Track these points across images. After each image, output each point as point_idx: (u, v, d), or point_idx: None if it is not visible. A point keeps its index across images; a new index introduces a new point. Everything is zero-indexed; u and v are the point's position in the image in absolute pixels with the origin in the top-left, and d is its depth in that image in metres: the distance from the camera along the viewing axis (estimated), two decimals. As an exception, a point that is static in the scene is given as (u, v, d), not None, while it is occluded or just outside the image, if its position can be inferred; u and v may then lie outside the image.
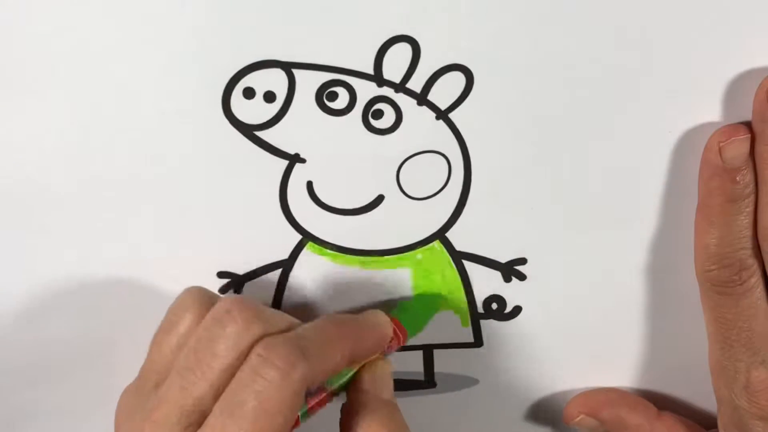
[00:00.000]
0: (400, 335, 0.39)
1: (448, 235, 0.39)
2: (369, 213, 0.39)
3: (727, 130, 0.36)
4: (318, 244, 0.39)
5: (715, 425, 0.41)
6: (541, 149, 0.37)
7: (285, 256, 0.39)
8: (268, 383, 0.32)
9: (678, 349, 0.42)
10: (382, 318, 0.38)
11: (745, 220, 0.36)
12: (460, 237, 0.39)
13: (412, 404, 0.44)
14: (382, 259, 0.40)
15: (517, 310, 0.41)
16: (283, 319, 0.36)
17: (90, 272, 0.39)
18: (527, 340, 0.42)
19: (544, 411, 0.44)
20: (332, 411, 0.37)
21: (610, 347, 0.42)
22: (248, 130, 0.36)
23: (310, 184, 0.38)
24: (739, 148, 0.36)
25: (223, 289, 0.40)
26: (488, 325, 0.42)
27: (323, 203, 0.38)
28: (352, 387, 0.37)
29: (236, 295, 0.37)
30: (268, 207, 0.38)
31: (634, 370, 0.43)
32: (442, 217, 0.39)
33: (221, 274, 0.40)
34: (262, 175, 0.37)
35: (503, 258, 0.40)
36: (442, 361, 0.43)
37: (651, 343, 0.42)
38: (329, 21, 0.34)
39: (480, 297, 0.41)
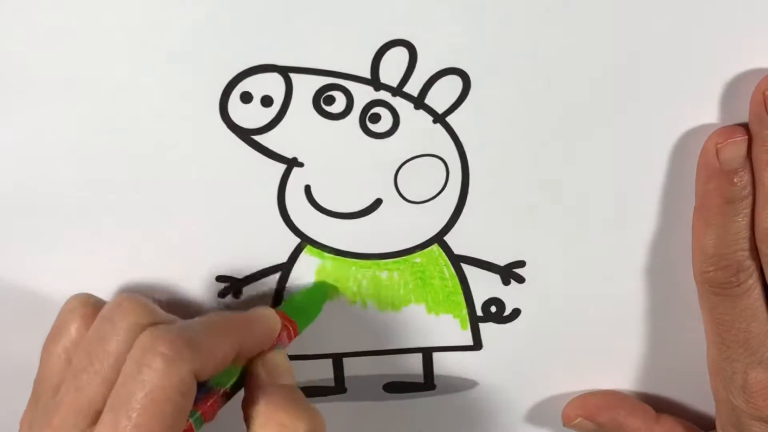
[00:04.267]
0: (290, 327, 0.38)
1: (446, 238, 0.39)
2: (367, 217, 0.39)
3: (724, 131, 0.36)
4: (316, 248, 0.39)
5: (713, 427, 0.41)
6: (538, 152, 0.37)
7: (283, 259, 0.39)
8: (153, 372, 0.32)
9: (677, 351, 0.42)
10: (268, 312, 0.38)
11: (742, 222, 0.36)
12: (458, 240, 0.40)
13: (411, 406, 0.44)
14: (380, 262, 0.40)
15: (516, 312, 0.41)
16: (171, 318, 0.35)
17: (89, 276, 0.39)
18: (526, 343, 0.42)
19: (542, 413, 0.44)
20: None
21: (609, 350, 0.42)
22: (246, 135, 0.37)
23: (308, 188, 0.38)
24: (736, 149, 0.36)
25: (222, 293, 0.40)
26: (487, 328, 0.42)
27: (321, 207, 0.38)
28: (247, 380, 0.36)
29: (125, 293, 0.36)
30: (267, 211, 0.38)
31: (632, 372, 0.43)
32: (440, 220, 0.39)
33: (220, 278, 0.40)
34: (260, 179, 0.37)
35: (502, 261, 0.40)
36: (442, 364, 0.43)
37: (649, 345, 0.42)
38: (326, 25, 0.35)
39: (479, 300, 0.41)
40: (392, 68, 0.36)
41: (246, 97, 0.36)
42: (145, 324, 0.34)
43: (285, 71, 0.35)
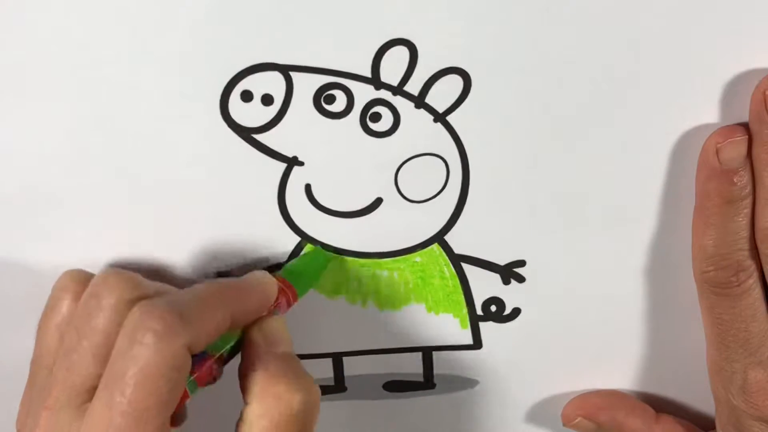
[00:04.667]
0: (289, 293, 0.38)
1: (446, 237, 0.39)
2: (367, 216, 0.39)
3: (724, 131, 0.36)
4: (316, 247, 0.39)
5: (713, 427, 0.41)
6: (539, 151, 0.37)
7: (284, 258, 0.39)
8: (145, 347, 0.32)
9: (677, 351, 0.42)
10: (264, 277, 0.37)
11: (742, 222, 0.36)
12: (458, 240, 0.40)
13: (411, 405, 0.44)
14: (381, 261, 0.40)
15: (516, 312, 0.41)
16: (162, 287, 0.35)
17: (89, 275, 0.39)
18: (526, 342, 0.42)
19: (542, 413, 0.44)
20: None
21: (609, 349, 0.42)
22: (246, 133, 0.37)
23: (308, 187, 0.38)
24: (736, 149, 0.36)
25: (223, 292, 0.40)
26: (487, 328, 0.42)
27: (321, 206, 0.38)
28: (243, 347, 0.36)
29: (110, 268, 0.36)
30: (267, 209, 0.38)
31: (632, 372, 0.43)
32: (441, 219, 0.39)
33: (220, 276, 0.40)
34: (261, 177, 0.37)
35: (502, 260, 0.40)
36: (442, 363, 0.43)
37: (649, 345, 0.42)
38: (327, 24, 0.35)
39: (479, 299, 0.41)
40: (393, 67, 0.36)
41: (246, 96, 0.36)
42: (131, 299, 0.33)
43: (285, 70, 0.35)
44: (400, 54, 0.35)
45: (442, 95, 0.36)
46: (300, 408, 0.34)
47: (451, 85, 0.36)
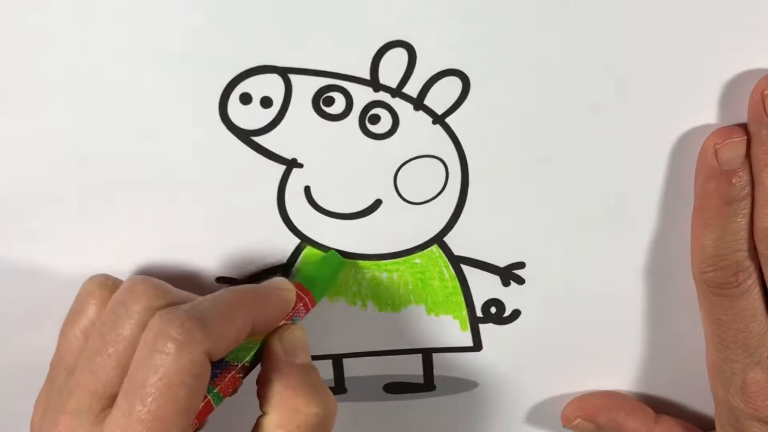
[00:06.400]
0: (306, 299, 0.38)
1: (446, 239, 0.40)
2: (367, 217, 0.39)
3: (723, 132, 0.36)
4: (316, 248, 0.39)
5: (713, 427, 0.41)
6: (538, 153, 0.37)
7: (283, 260, 0.39)
8: (165, 356, 0.32)
9: (676, 352, 0.42)
10: (282, 283, 0.37)
11: (741, 222, 0.36)
12: (458, 241, 0.40)
13: (411, 407, 0.44)
14: (380, 263, 0.40)
15: (516, 313, 0.41)
16: (186, 295, 0.35)
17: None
18: (526, 344, 0.42)
19: (542, 414, 0.44)
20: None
21: (609, 350, 0.42)
22: (245, 136, 0.37)
23: (307, 189, 0.38)
24: (735, 150, 0.36)
25: (223, 294, 0.40)
26: (487, 329, 0.42)
27: (321, 208, 0.38)
28: (264, 356, 0.36)
29: (139, 275, 0.36)
30: (266, 212, 0.38)
31: (632, 373, 0.43)
32: (440, 221, 0.39)
33: (220, 280, 0.40)
34: (260, 180, 0.37)
35: (502, 262, 0.40)
36: (442, 365, 0.43)
37: (649, 345, 0.42)
38: (325, 26, 0.35)
39: (479, 301, 0.41)
40: (392, 69, 0.36)
41: (245, 99, 0.36)
42: (158, 307, 0.34)
43: (284, 72, 0.35)
44: (399, 56, 0.35)
45: (440, 97, 0.36)
46: (318, 421, 0.34)
47: (450, 86, 0.36)
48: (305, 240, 0.39)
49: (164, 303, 0.34)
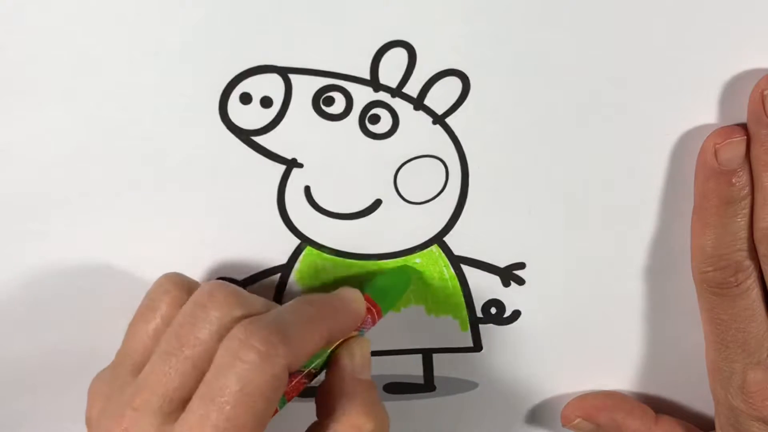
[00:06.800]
0: (374, 312, 0.38)
1: (446, 239, 0.40)
2: (367, 217, 0.39)
3: (723, 131, 0.36)
4: (316, 249, 0.39)
5: (712, 427, 0.41)
6: (538, 153, 0.38)
7: (283, 260, 0.40)
8: (248, 366, 0.32)
9: (676, 352, 0.42)
10: (355, 295, 0.38)
11: (741, 222, 0.36)
12: (458, 241, 0.40)
13: (411, 407, 0.44)
14: (380, 263, 0.40)
15: (516, 314, 0.41)
16: (263, 303, 0.35)
17: (89, 278, 0.39)
18: (526, 344, 0.42)
19: (542, 414, 0.44)
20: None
21: (609, 350, 0.42)
22: (245, 136, 0.37)
23: (307, 189, 0.38)
24: (734, 149, 0.36)
25: (223, 295, 0.40)
26: (487, 330, 0.42)
27: (321, 208, 0.38)
28: (330, 367, 0.37)
29: (217, 281, 0.36)
30: (266, 212, 0.38)
31: (632, 372, 0.43)
32: (440, 221, 0.39)
33: (220, 280, 0.40)
34: (260, 180, 0.37)
35: (502, 262, 0.40)
36: (442, 365, 0.43)
37: (649, 345, 0.42)
38: (325, 26, 0.35)
39: (479, 301, 0.41)
40: (392, 69, 0.36)
41: (245, 98, 0.36)
42: (237, 315, 0.34)
43: (284, 72, 0.35)
44: (399, 56, 0.35)
45: (440, 97, 0.36)
46: None
47: (450, 86, 0.36)
48: (305, 240, 0.39)
49: (244, 312, 0.34)
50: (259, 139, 0.37)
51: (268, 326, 0.33)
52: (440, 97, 0.36)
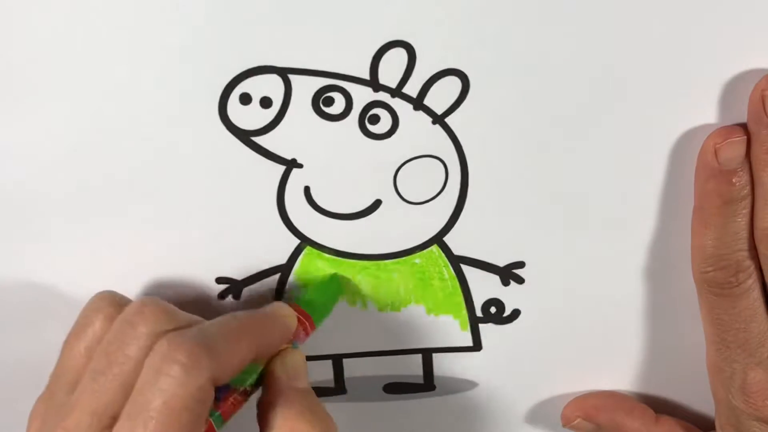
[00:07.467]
0: (307, 323, 0.38)
1: (445, 239, 0.40)
2: (366, 217, 0.39)
3: (723, 131, 0.36)
4: (316, 249, 0.39)
5: (713, 427, 0.41)
6: (537, 152, 0.37)
7: (283, 260, 0.40)
8: (171, 380, 0.32)
9: (676, 351, 0.42)
10: (285, 309, 0.38)
11: (741, 222, 0.36)
12: (457, 241, 0.40)
13: (411, 407, 0.44)
14: (380, 263, 0.40)
15: (515, 313, 0.41)
16: (192, 319, 0.35)
17: (89, 279, 0.39)
18: (526, 344, 0.42)
19: (542, 414, 0.44)
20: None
21: (609, 350, 0.42)
22: (245, 136, 0.37)
23: (307, 189, 0.38)
24: (734, 149, 0.36)
25: (222, 295, 0.40)
26: (487, 329, 0.42)
27: (321, 208, 0.38)
28: (265, 380, 0.37)
29: (148, 297, 0.36)
30: (266, 212, 0.38)
31: (632, 372, 0.43)
32: (440, 221, 0.39)
33: (220, 280, 0.40)
34: (260, 180, 0.37)
35: (501, 262, 0.40)
36: (441, 365, 0.43)
37: (649, 345, 0.42)
38: (325, 26, 0.35)
39: (478, 301, 0.41)
40: (391, 69, 0.36)
41: (245, 99, 0.36)
42: (165, 330, 0.34)
43: (284, 72, 0.35)
44: (399, 56, 0.35)
45: (440, 97, 0.36)
46: None
47: (450, 86, 0.36)
48: (305, 240, 0.39)
49: (172, 327, 0.34)
50: (258, 140, 0.37)
51: (192, 339, 0.33)
52: (440, 97, 0.36)
